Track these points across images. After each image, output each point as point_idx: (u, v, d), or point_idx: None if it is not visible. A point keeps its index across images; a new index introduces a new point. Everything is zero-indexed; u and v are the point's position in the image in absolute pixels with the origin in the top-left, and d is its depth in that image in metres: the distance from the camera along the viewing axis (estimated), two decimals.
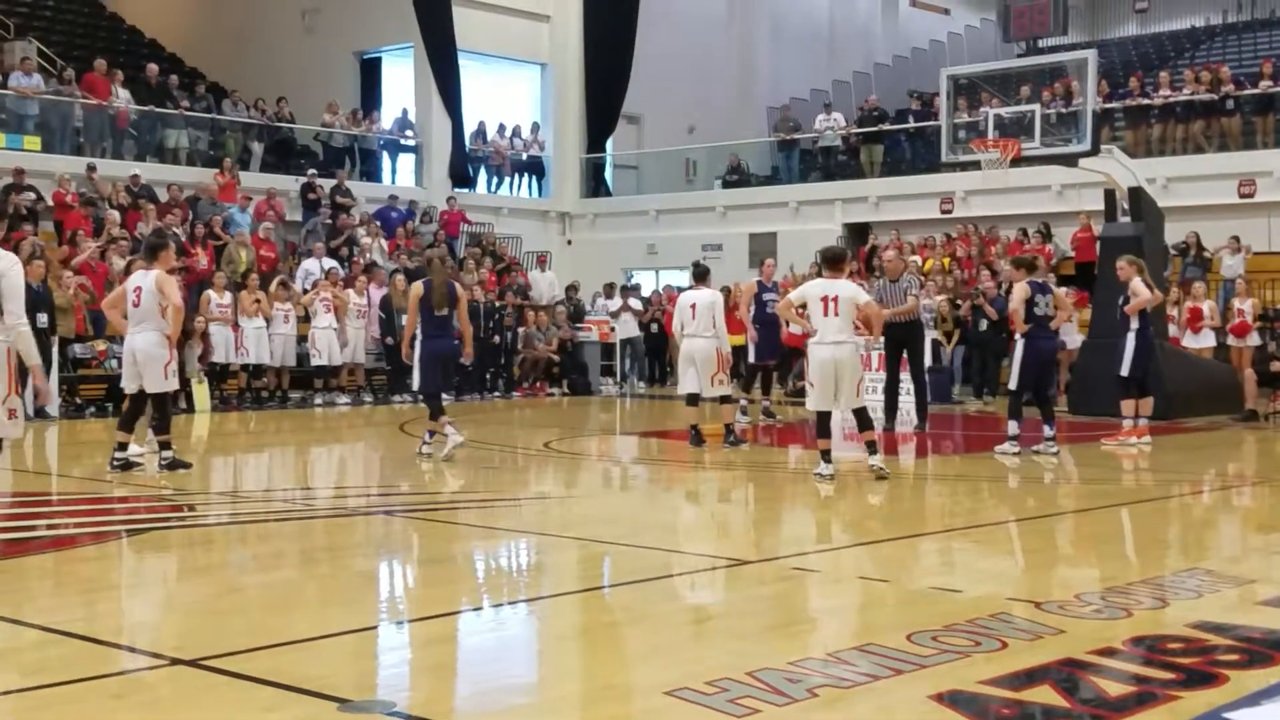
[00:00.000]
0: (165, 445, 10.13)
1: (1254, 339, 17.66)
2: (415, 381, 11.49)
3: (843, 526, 8.50)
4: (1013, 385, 11.94)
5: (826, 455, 9.80)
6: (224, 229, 20.05)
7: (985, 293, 18.98)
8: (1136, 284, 12.53)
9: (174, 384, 10.22)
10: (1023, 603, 5.54)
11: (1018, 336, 11.78)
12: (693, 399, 12.33)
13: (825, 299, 9.60)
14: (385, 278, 20.10)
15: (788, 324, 18.82)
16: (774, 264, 16.40)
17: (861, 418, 9.79)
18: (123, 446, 10.09)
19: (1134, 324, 12.52)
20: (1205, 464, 12.23)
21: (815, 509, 9.16)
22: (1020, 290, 11.81)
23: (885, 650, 4.72)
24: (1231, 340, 17.73)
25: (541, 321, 21.27)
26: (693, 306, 12.13)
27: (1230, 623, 5.23)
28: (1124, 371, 12.62)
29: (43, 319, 15.26)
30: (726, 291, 14.52)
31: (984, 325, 18.67)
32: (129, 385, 10.10)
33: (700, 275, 12.47)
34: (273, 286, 18.20)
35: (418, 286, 11.38)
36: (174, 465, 10.06)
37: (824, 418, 9.84)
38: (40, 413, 13.91)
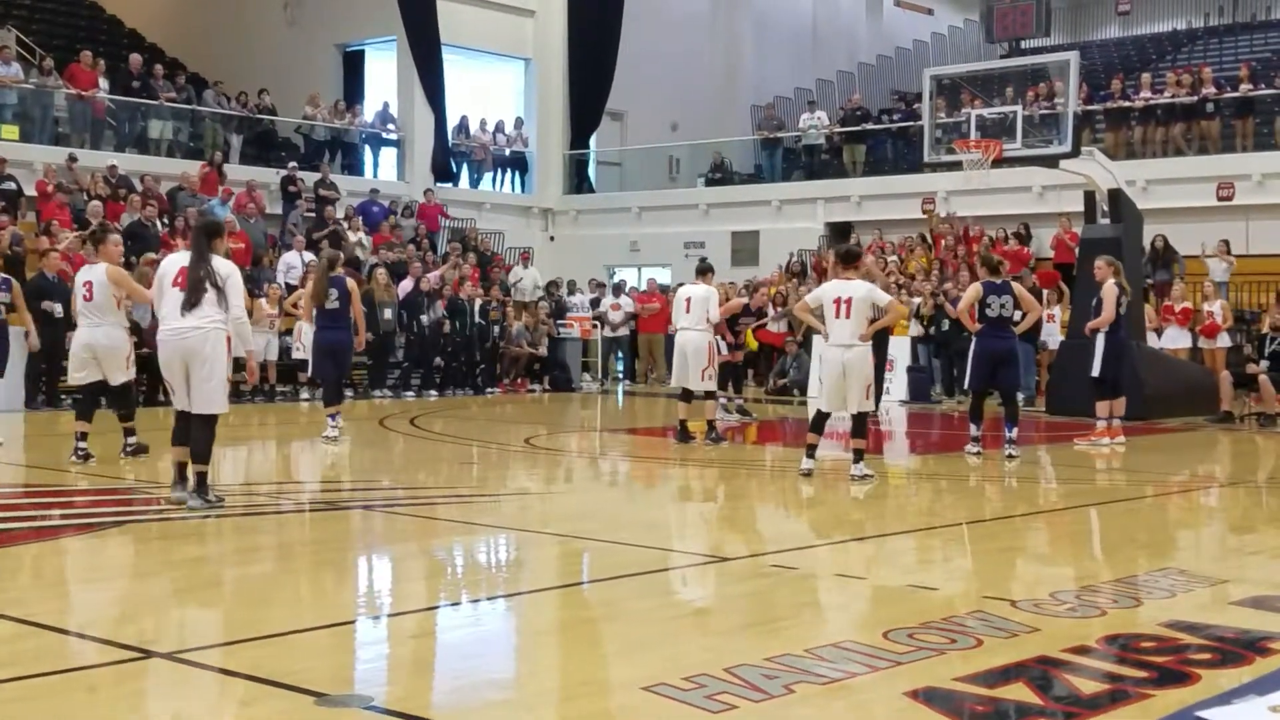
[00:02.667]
0: (130, 432, 10.42)
1: (1224, 340, 17.76)
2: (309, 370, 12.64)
3: (821, 524, 8.53)
4: (967, 385, 12.00)
5: (811, 450, 9.84)
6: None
7: (945, 292, 19.08)
8: (1109, 288, 12.59)
9: (133, 373, 10.41)
10: (998, 601, 5.57)
11: (972, 336, 11.81)
12: (686, 395, 12.45)
13: (839, 300, 9.56)
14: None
15: (765, 323, 18.99)
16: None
17: (857, 423, 9.78)
18: (83, 437, 10.13)
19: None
20: (1180, 465, 12.31)
21: (794, 506, 9.19)
22: (971, 291, 11.92)
23: (862, 647, 4.74)
24: (1201, 342, 17.84)
25: (529, 321, 21.26)
26: (688, 300, 12.38)
27: (1203, 622, 5.27)
28: (1094, 372, 12.71)
29: (58, 309, 15.18)
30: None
31: (945, 325, 18.77)
32: (82, 377, 10.18)
33: (702, 271, 12.78)
34: (268, 289, 18.22)
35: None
36: (138, 451, 10.36)
37: (820, 416, 9.86)
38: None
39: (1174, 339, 17.82)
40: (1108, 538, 8.02)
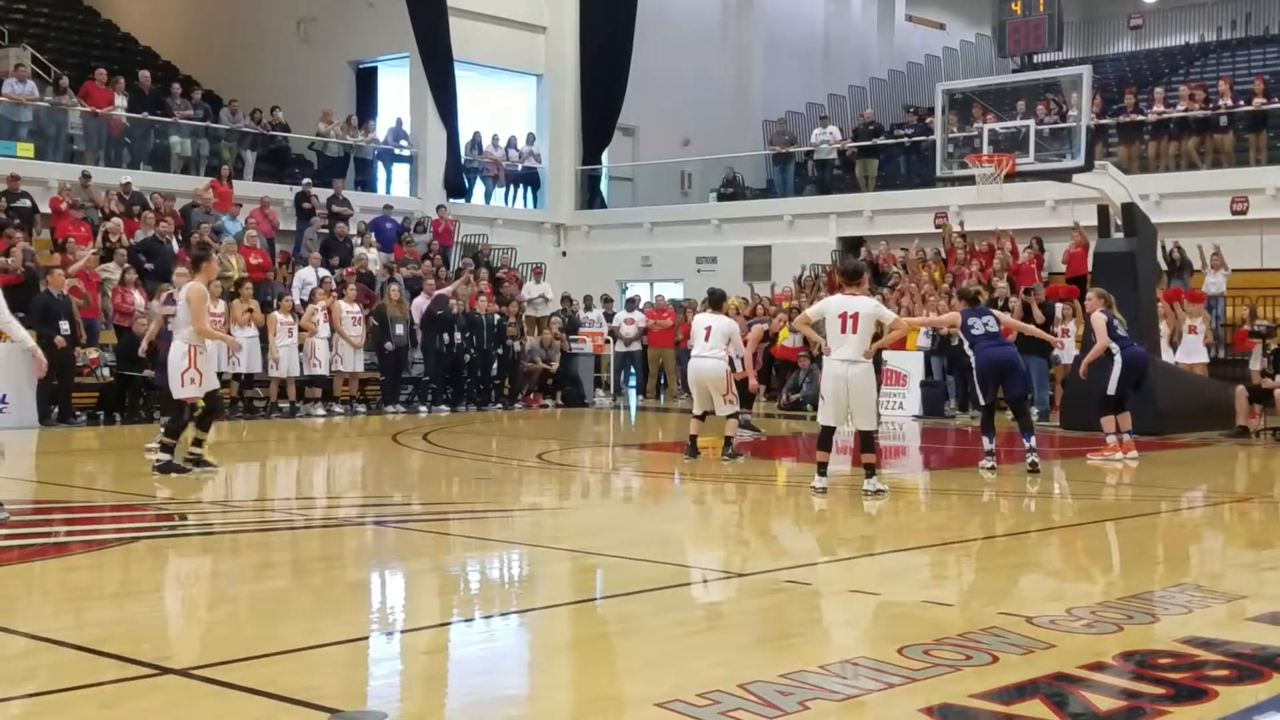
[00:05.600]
0: (167, 449, 10.47)
1: (1201, 355, 17.79)
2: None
3: (834, 540, 8.50)
4: (980, 400, 12.03)
5: (823, 468, 9.81)
6: (214, 236, 19.98)
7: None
8: (1096, 318, 12.78)
9: (190, 392, 10.46)
10: (1014, 617, 5.54)
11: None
12: (703, 414, 12.43)
13: (844, 315, 9.56)
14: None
15: (778, 339, 18.96)
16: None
17: (865, 439, 9.75)
18: (197, 443, 10.64)
19: (1113, 347, 12.67)
20: (1195, 480, 12.25)
21: (807, 522, 9.17)
22: (949, 317, 12.59)
23: (876, 663, 4.72)
24: (1179, 354, 17.84)
25: (545, 338, 21.27)
26: (708, 329, 12.28)
27: (1220, 638, 5.24)
28: (1110, 390, 12.75)
29: (64, 326, 15.24)
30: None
31: (955, 341, 18.73)
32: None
33: (716, 302, 12.70)
34: (280, 302, 18.18)
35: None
36: (167, 469, 10.36)
37: (826, 431, 9.84)
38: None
39: (1190, 354, 17.74)
40: (1124, 553, 7.98)
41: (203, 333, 10.32)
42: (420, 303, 19.87)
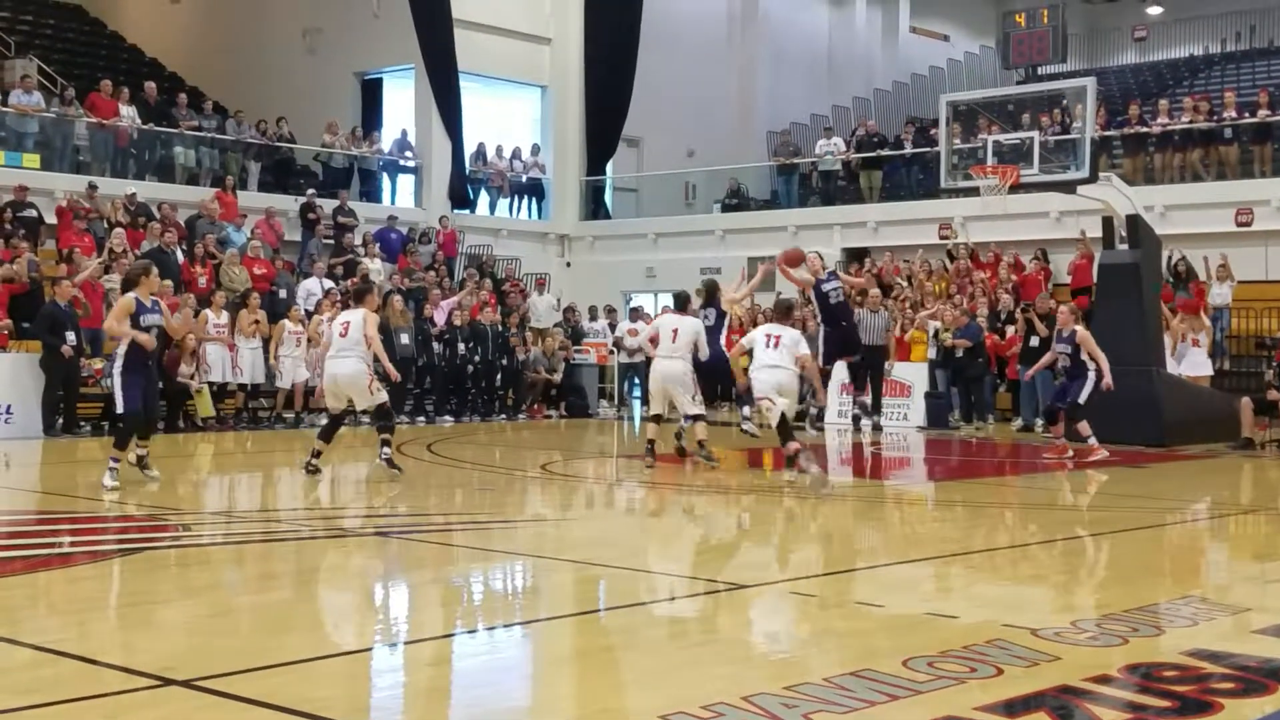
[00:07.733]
0: (387, 444, 11.32)
1: (1206, 368, 17.75)
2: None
3: (839, 551, 8.49)
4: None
5: (791, 462, 11.15)
6: (219, 247, 20.03)
7: (955, 320, 19.07)
8: (1088, 337, 13.90)
9: (382, 396, 11.47)
10: (1019, 629, 5.53)
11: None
12: (656, 418, 12.68)
13: (769, 335, 11.38)
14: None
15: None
16: (819, 257, 16.71)
17: (783, 431, 11.04)
18: (317, 454, 11.38)
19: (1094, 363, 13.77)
20: (1201, 492, 12.23)
21: (812, 533, 9.16)
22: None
23: (881, 676, 4.71)
24: (1184, 366, 17.80)
25: (548, 347, 21.27)
26: (674, 331, 12.33)
27: (1226, 651, 5.22)
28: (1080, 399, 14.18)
29: (71, 337, 15.27)
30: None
31: (959, 353, 18.74)
32: (334, 406, 11.56)
33: (682, 304, 12.83)
34: (291, 312, 18.18)
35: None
36: (391, 464, 11.27)
37: (785, 424, 11.27)
38: None
39: (1195, 366, 17.69)
40: (1128, 565, 7.96)
41: (380, 354, 11.30)
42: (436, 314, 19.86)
